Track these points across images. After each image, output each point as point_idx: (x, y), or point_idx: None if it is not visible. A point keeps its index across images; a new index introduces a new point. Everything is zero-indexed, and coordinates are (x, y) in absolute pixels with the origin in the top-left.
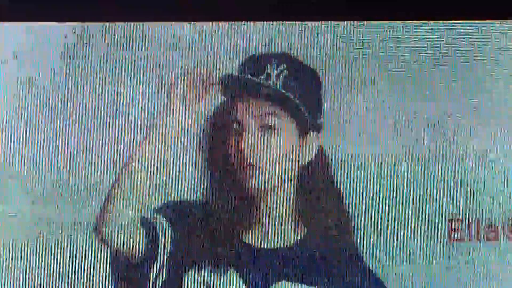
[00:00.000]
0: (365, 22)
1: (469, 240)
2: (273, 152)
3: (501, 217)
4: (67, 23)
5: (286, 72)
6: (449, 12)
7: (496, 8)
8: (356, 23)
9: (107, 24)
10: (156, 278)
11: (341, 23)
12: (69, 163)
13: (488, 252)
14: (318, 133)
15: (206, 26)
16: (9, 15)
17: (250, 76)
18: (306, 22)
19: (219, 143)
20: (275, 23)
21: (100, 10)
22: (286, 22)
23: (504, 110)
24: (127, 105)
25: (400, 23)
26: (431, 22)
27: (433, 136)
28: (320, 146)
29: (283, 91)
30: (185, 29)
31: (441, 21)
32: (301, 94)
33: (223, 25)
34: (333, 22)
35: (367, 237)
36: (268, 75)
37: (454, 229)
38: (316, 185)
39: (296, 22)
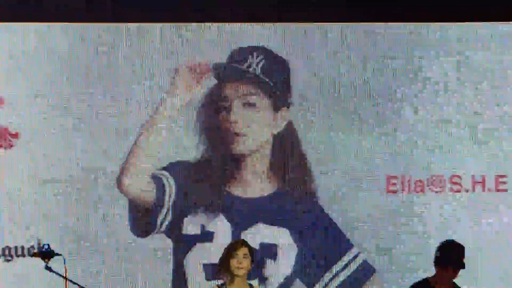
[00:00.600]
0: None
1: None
2: (253, 124)
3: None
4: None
5: (263, 61)
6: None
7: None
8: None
9: (123, 24)
10: (163, 220)
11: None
12: (98, 130)
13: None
14: (288, 109)
15: (205, 26)
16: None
17: (236, 64)
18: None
19: (212, 116)
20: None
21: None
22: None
23: None
24: (143, 87)
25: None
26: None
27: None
28: (290, 119)
29: (261, 76)
30: (189, 28)
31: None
32: (275, 79)
33: (216, 25)
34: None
35: (326, 189)
36: (250, 63)
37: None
38: (286, 148)
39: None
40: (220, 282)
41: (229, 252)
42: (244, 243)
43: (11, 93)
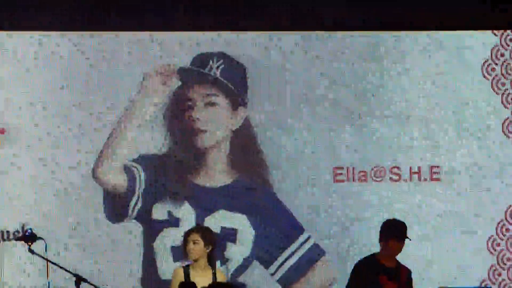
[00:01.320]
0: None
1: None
2: (214, 121)
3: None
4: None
5: (223, 65)
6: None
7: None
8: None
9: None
10: (134, 206)
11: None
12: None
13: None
14: (245, 107)
15: (170, 34)
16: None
17: (198, 69)
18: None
19: (178, 114)
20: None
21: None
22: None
23: None
24: (113, 90)
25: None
26: None
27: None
28: (246, 116)
29: (221, 79)
30: (156, 36)
31: None
32: (233, 80)
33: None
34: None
35: (279, 180)
36: (211, 67)
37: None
38: (243, 142)
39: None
40: (186, 263)
41: (184, 238)
42: (196, 230)
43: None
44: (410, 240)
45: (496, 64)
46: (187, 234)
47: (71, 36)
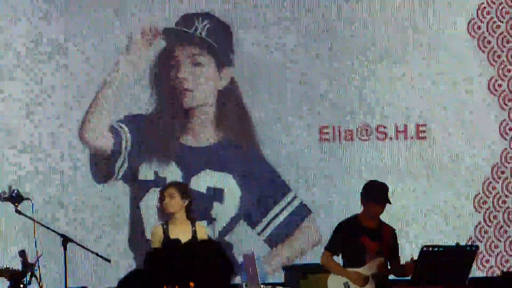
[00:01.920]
0: None
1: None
2: (201, 80)
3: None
4: None
5: (208, 25)
6: None
7: None
8: None
9: None
10: (120, 167)
11: None
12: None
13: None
14: (230, 67)
15: None
16: None
17: (184, 28)
18: None
19: (165, 74)
20: None
21: None
22: None
23: None
24: (99, 49)
25: None
26: None
27: None
28: (233, 77)
29: (207, 39)
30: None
31: None
32: (218, 40)
33: None
34: None
35: (266, 139)
36: (196, 28)
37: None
38: (229, 102)
39: None
40: (162, 222)
41: (160, 195)
42: (171, 184)
43: None
44: (390, 204)
45: (482, 22)
46: (163, 190)
47: None
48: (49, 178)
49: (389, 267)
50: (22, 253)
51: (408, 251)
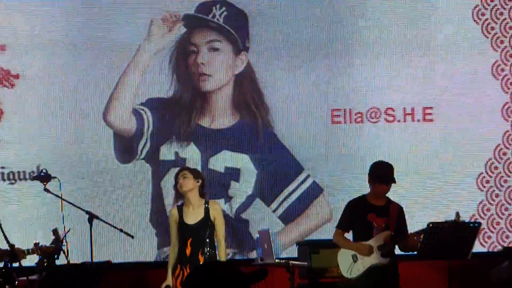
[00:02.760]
0: None
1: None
2: (218, 65)
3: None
4: None
5: (225, 12)
6: None
7: None
8: None
9: None
10: (143, 148)
11: None
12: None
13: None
14: (247, 52)
15: None
16: None
17: (202, 15)
18: None
19: (183, 59)
20: None
21: None
22: None
23: None
24: (122, 36)
25: None
26: None
27: None
28: (248, 61)
29: (224, 25)
30: None
31: None
32: (235, 27)
33: None
34: None
35: (280, 120)
36: (214, 14)
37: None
38: (245, 86)
39: None
40: (180, 203)
41: (175, 179)
42: (183, 168)
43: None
44: (395, 183)
45: (486, 9)
46: (177, 174)
47: None
48: (76, 159)
49: (397, 239)
50: (55, 231)
51: (414, 228)
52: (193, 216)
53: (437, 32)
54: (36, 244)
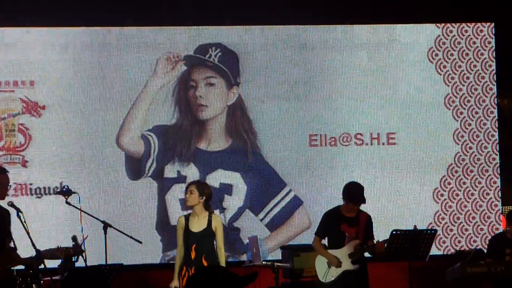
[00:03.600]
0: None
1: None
2: (213, 97)
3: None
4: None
5: (220, 53)
6: None
7: None
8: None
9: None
10: (150, 167)
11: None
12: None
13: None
14: (238, 86)
15: (178, 28)
16: None
17: (200, 55)
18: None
19: (184, 92)
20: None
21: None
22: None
23: None
24: (132, 72)
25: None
26: None
27: None
28: (239, 94)
29: (218, 64)
30: (165, 30)
31: None
32: (228, 65)
33: (185, 28)
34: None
35: (266, 144)
36: (210, 55)
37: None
38: (237, 115)
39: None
40: (187, 213)
41: (185, 190)
42: (193, 182)
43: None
44: (364, 203)
45: (439, 50)
46: (187, 187)
47: (94, 29)
48: (93, 176)
49: (365, 247)
50: (74, 238)
51: (381, 235)
52: (197, 225)
53: (399, 72)
54: (58, 248)
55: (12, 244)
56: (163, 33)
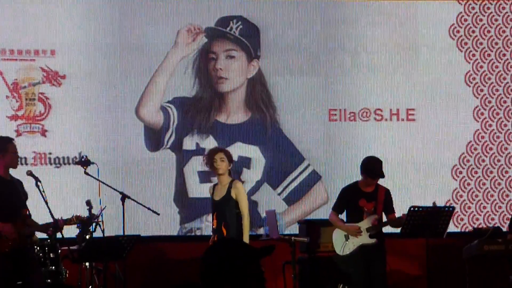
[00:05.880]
0: None
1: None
2: (233, 70)
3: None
4: None
5: (241, 26)
6: None
7: None
8: None
9: None
10: (168, 139)
11: None
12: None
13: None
14: (258, 60)
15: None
16: None
17: (221, 28)
18: None
19: (204, 65)
20: None
21: None
22: None
23: None
24: (153, 43)
25: None
26: None
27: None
28: (259, 67)
29: (239, 37)
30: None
31: None
32: (249, 38)
33: None
34: None
35: (285, 118)
36: (231, 27)
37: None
38: (256, 88)
39: None
40: (213, 183)
41: (211, 157)
42: (220, 149)
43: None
44: (383, 177)
45: (460, 27)
46: (214, 153)
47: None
48: (111, 147)
49: (384, 221)
50: (88, 202)
51: (398, 210)
52: (219, 193)
53: (421, 48)
54: (76, 216)
55: (27, 213)
56: (185, 4)
